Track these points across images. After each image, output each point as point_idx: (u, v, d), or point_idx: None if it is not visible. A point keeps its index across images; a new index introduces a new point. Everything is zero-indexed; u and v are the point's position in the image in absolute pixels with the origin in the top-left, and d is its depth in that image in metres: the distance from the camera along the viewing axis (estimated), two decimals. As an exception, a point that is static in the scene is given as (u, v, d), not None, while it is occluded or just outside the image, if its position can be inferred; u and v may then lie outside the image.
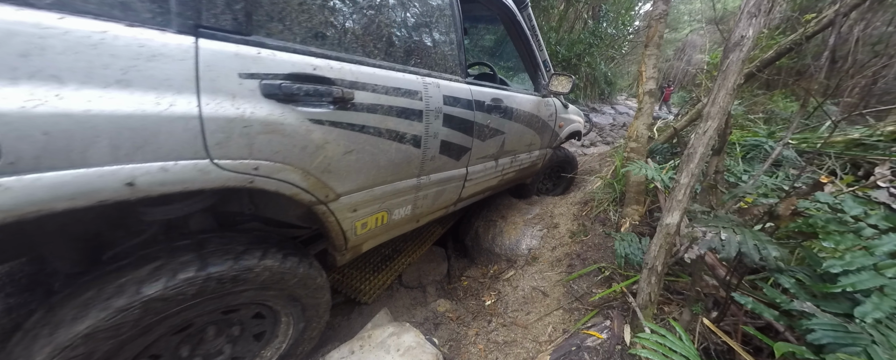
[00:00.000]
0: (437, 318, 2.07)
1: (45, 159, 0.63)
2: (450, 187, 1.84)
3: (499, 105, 1.93)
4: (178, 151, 0.79)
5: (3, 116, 0.58)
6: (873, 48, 4.40)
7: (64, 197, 0.66)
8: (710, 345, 1.32)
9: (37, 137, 0.62)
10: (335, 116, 1.09)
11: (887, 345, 0.90)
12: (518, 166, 2.47)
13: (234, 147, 0.88)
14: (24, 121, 0.60)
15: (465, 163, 1.84)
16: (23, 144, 0.61)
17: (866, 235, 1.10)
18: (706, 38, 11.55)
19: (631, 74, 18.01)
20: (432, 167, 1.61)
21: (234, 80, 0.87)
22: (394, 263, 2.40)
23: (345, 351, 1.60)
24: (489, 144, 1.97)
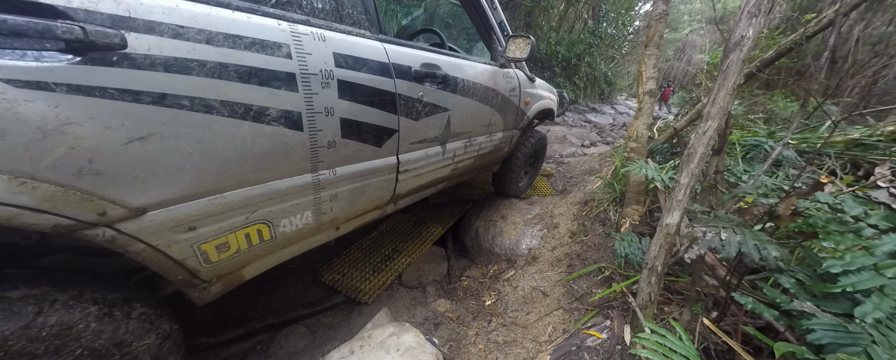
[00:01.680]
0: (437, 318, 2.07)
1: None
2: (375, 183, 1.43)
3: (435, 73, 1.50)
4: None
5: None
6: (873, 48, 4.40)
7: None
8: (710, 345, 1.32)
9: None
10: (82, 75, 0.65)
11: (887, 345, 0.90)
12: (475, 152, 2.05)
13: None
14: None
15: (392, 150, 1.43)
16: None
17: (866, 235, 1.10)
18: (706, 38, 11.56)
19: (631, 74, 18.01)
20: (337, 158, 1.20)
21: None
22: (394, 262, 2.41)
23: (345, 351, 1.60)
24: (427, 125, 1.55)
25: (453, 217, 2.97)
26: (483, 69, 1.89)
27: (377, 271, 2.33)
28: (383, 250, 2.51)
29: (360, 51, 1.18)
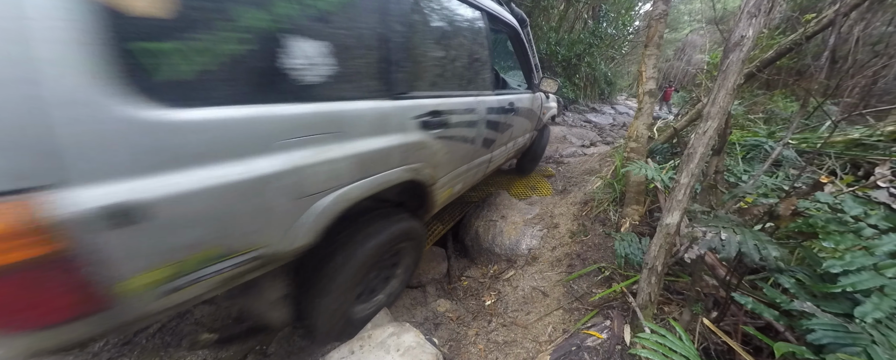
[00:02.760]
0: (437, 318, 2.07)
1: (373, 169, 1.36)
2: (481, 169, 2.43)
3: (513, 106, 2.55)
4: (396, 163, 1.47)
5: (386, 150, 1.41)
6: (873, 48, 4.40)
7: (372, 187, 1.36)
8: (710, 345, 1.32)
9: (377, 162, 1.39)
10: (441, 133, 1.69)
11: (887, 345, 0.90)
12: (515, 148, 3.08)
13: (412, 158, 1.55)
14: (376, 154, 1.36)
15: (491, 150, 2.42)
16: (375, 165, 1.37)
17: (866, 235, 1.10)
18: (706, 38, 11.56)
19: (631, 74, 18.01)
20: (475, 156, 2.19)
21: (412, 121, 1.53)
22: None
23: (345, 351, 1.60)
24: (505, 135, 2.59)
25: (453, 217, 2.97)
26: (529, 97, 2.93)
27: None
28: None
29: (491, 103, 2.19)
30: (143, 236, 0.81)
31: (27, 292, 0.72)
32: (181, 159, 0.85)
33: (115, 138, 0.74)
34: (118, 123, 0.74)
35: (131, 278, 0.82)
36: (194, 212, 0.88)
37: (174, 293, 0.93)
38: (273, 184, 1.02)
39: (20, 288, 0.71)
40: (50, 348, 0.81)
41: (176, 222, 0.86)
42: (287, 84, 1.04)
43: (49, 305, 0.74)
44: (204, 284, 0.98)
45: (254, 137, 0.97)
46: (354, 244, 1.49)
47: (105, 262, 0.76)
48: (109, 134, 0.73)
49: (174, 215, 0.85)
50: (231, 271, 1.02)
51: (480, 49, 2.08)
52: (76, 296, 0.77)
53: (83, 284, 0.76)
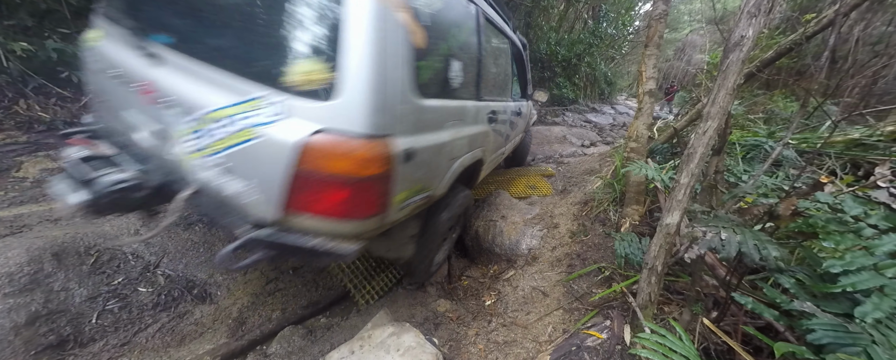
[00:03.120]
0: (437, 318, 2.06)
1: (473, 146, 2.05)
2: (500, 156, 3.07)
3: (520, 111, 3.39)
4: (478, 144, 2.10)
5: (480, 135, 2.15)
6: (873, 48, 4.40)
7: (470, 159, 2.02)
8: (710, 345, 1.32)
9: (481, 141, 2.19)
10: (493, 126, 2.38)
11: (887, 345, 0.90)
12: (514, 144, 3.76)
13: (482, 142, 2.19)
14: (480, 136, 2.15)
15: (506, 143, 3.09)
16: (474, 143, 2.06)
17: (866, 235, 1.10)
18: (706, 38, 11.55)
19: (631, 74, 18.01)
20: (500, 146, 2.79)
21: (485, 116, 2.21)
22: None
23: (345, 351, 1.60)
24: (514, 132, 3.35)
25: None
26: (527, 105, 3.84)
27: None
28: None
29: (511, 107, 2.97)
30: (409, 169, 1.36)
31: (364, 192, 1.23)
32: (424, 127, 1.46)
33: (410, 114, 1.34)
34: (412, 106, 1.34)
35: (397, 195, 1.35)
36: (424, 158, 1.48)
37: (400, 211, 1.45)
38: (446, 147, 1.68)
39: (362, 189, 1.22)
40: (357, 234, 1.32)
41: (420, 163, 1.44)
42: (450, 87, 1.68)
43: (372, 203, 1.27)
44: (408, 209, 1.51)
45: (441, 118, 1.62)
46: (449, 206, 2.05)
47: (395, 182, 1.30)
48: (409, 111, 1.32)
49: (421, 158, 1.44)
50: (418, 203, 1.57)
51: (509, 67, 2.94)
52: (381, 200, 1.29)
53: (386, 193, 1.29)
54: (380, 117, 1.17)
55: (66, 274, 1.77)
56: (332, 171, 1.14)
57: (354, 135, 1.14)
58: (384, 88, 1.16)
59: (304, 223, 1.24)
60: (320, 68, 1.11)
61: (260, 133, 1.14)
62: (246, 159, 1.19)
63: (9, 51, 3.03)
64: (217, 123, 1.20)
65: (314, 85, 1.11)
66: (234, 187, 1.24)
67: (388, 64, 1.16)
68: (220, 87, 1.22)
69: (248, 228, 1.26)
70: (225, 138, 1.19)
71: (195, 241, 2.18)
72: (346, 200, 1.20)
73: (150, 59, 1.34)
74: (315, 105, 1.12)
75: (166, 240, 2.09)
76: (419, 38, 1.31)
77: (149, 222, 2.14)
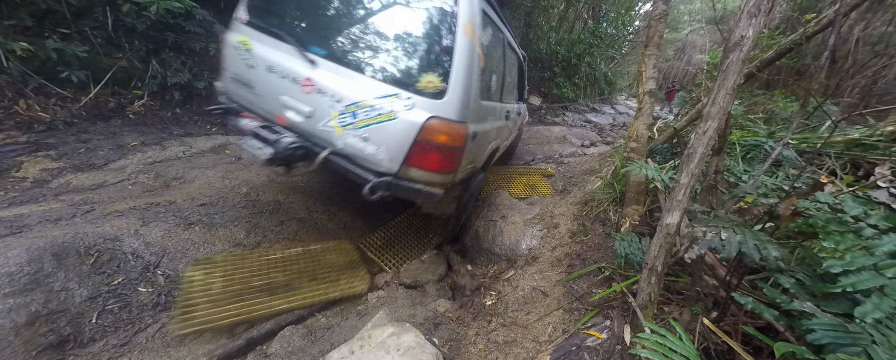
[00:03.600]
0: (437, 318, 2.06)
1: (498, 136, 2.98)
2: (503, 148, 3.62)
3: (520, 111, 4.22)
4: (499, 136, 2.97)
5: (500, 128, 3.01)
6: (873, 48, 4.40)
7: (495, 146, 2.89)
8: (710, 345, 1.32)
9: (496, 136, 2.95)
10: (507, 122, 3.22)
11: (887, 345, 0.90)
12: (511, 141, 4.28)
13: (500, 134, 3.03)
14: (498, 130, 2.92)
15: (510, 136, 3.73)
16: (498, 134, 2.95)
17: (866, 235, 1.10)
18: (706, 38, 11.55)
19: (631, 74, 18.00)
20: (504, 139, 3.35)
21: (504, 114, 3.03)
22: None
23: (344, 351, 1.60)
24: (515, 128, 4.15)
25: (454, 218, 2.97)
26: (523, 106, 4.58)
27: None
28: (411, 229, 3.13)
29: (513, 109, 3.47)
30: (472, 145, 2.10)
31: (450, 156, 1.94)
32: (480, 118, 2.21)
33: (477, 109, 2.09)
34: (478, 104, 2.11)
35: (463, 162, 2.06)
36: (479, 139, 2.22)
37: (461, 173, 2.15)
38: (488, 134, 2.47)
39: (450, 154, 1.93)
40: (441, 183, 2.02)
41: (477, 141, 2.20)
42: (490, 92, 2.39)
43: (453, 164, 1.98)
44: (464, 173, 2.23)
45: (486, 113, 2.34)
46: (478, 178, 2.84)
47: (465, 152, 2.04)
48: (476, 108, 2.08)
49: (478, 139, 2.19)
50: (468, 170, 2.30)
51: (516, 75, 3.63)
52: (457, 163, 2.00)
53: (460, 159, 2.00)
54: (464, 111, 1.91)
55: (66, 274, 1.77)
56: (436, 141, 1.84)
57: (451, 120, 1.86)
58: (469, 93, 1.91)
59: (413, 174, 1.91)
60: (437, 79, 1.83)
61: (397, 115, 1.79)
62: (382, 132, 1.82)
63: (9, 51, 3.03)
64: (364, 108, 1.83)
65: (432, 89, 1.83)
66: (369, 150, 1.86)
67: (472, 78, 1.91)
68: (367, 87, 1.85)
69: (374, 177, 1.89)
70: (369, 118, 1.82)
71: (195, 241, 2.18)
72: (440, 159, 1.90)
73: (309, 63, 1.92)
74: (431, 101, 1.82)
75: (166, 240, 2.09)
76: (482, 61, 2.02)
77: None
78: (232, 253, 2.22)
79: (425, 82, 1.80)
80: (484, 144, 2.40)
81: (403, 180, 1.91)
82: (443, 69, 1.81)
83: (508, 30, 2.95)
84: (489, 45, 2.21)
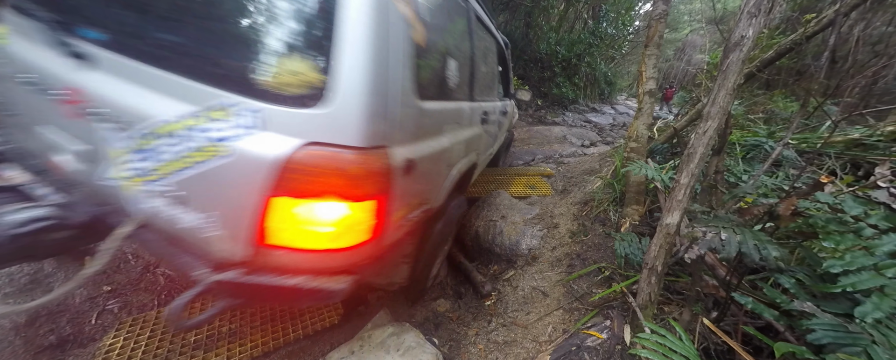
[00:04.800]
0: (437, 318, 2.06)
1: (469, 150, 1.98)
2: (490, 157, 3.08)
3: (505, 110, 3.37)
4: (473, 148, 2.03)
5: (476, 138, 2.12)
6: (873, 48, 4.40)
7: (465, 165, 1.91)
8: (710, 345, 1.32)
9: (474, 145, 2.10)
10: (485, 127, 2.33)
11: (887, 345, 0.90)
12: (501, 140, 3.70)
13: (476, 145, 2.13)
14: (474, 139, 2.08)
15: (494, 142, 3.02)
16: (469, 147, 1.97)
17: (866, 235, 1.10)
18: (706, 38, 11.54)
19: (631, 74, 18.01)
20: (489, 147, 2.71)
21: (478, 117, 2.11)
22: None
23: (344, 351, 1.60)
24: (501, 132, 3.34)
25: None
26: (511, 104, 3.84)
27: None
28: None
29: (497, 107, 2.86)
30: (409, 182, 1.20)
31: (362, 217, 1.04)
32: (425, 132, 1.33)
33: (411, 119, 1.19)
34: (413, 109, 1.20)
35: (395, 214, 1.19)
36: (425, 168, 1.33)
37: (398, 231, 1.29)
38: (445, 153, 1.54)
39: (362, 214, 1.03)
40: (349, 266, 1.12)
41: (421, 174, 1.29)
42: (447, 88, 1.54)
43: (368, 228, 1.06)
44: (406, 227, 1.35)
45: (440, 121, 1.48)
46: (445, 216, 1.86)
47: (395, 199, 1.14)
48: (410, 116, 1.18)
49: (421, 169, 1.29)
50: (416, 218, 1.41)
51: (495, 66, 2.91)
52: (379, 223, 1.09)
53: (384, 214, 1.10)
54: (379, 125, 0.99)
55: (66, 274, 1.77)
56: (319, 192, 0.94)
57: (347, 147, 0.94)
58: (384, 91, 0.99)
59: (281, 260, 1.01)
60: (307, 68, 0.91)
61: (226, 150, 0.91)
62: (206, 184, 0.96)
63: None
64: (167, 139, 0.96)
65: (298, 89, 0.91)
66: (190, 220, 0.99)
67: (389, 61, 1.00)
68: (170, 94, 0.97)
69: (207, 271, 1.02)
70: (178, 158, 0.96)
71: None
72: (334, 227, 0.99)
73: (75, 60, 1.05)
74: (299, 113, 0.91)
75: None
76: (420, 35, 1.18)
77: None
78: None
79: (283, 77, 0.91)
80: (439, 173, 1.53)
81: (263, 272, 1.03)
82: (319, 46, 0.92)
83: (483, 5, 2.26)
84: (439, 12, 1.41)
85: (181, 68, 0.97)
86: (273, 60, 0.93)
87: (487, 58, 2.50)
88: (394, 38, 1.01)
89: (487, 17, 2.46)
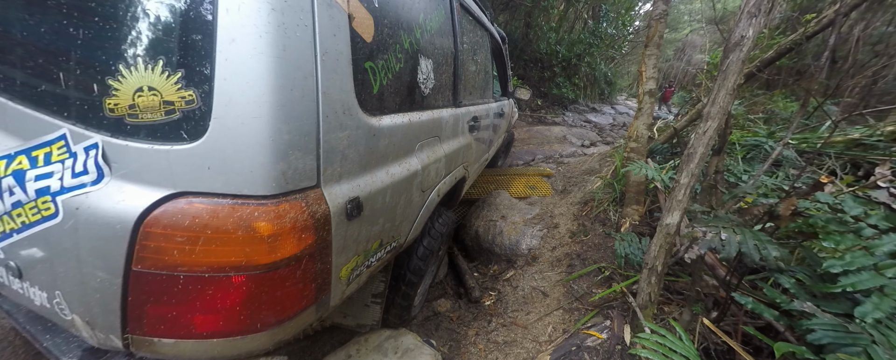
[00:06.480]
0: (437, 318, 2.06)
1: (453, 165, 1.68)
2: (484, 164, 2.76)
3: (502, 111, 3.05)
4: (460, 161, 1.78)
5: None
6: (873, 48, 4.40)
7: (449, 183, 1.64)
8: (710, 345, 1.32)
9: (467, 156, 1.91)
10: (476, 135, 2.06)
11: (887, 345, 0.90)
12: (498, 144, 3.46)
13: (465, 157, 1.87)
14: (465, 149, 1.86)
15: (489, 148, 2.78)
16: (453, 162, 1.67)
17: (866, 235, 1.10)
18: (706, 38, 11.55)
19: (631, 74, 18.01)
20: (483, 153, 2.50)
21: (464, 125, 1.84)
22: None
23: (341, 355, 1.59)
24: (497, 135, 3.12)
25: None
26: (509, 104, 3.47)
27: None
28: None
29: (492, 108, 2.61)
30: (358, 227, 0.93)
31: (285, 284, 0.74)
32: (379, 158, 1.02)
33: (354, 143, 0.87)
34: (357, 130, 0.88)
35: (344, 266, 0.92)
36: (381, 205, 1.03)
37: (353, 283, 1.02)
38: (415, 179, 1.23)
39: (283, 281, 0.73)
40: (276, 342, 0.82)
41: (376, 212, 1.01)
42: (418, 95, 1.25)
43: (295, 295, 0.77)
44: (364, 274, 1.08)
45: (406, 140, 1.17)
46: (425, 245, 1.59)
47: (337, 251, 0.86)
48: (352, 140, 0.86)
49: (377, 206, 1.00)
50: (379, 262, 1.15)
51: (489, 63, 2.57)
52: (314, 284, 0.81)
53: (321, 272, 0.82)
54: (295, 159, 0.71)
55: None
56: (207, 264, 0.66)
57: (243, 197, 0.67)
58: (305, 108, 0.70)
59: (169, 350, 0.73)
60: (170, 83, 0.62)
61: (63, 206, 0.67)
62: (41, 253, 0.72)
63: None
64: None
65: (158, 115, 0.64)
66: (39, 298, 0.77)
67: (314, 66, 0.71)
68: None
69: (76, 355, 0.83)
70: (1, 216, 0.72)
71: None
72: (242, 304, 0.70)
73: None
74: (161, 151, 0.64)
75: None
76: (366, 29, 0.88)
77: None
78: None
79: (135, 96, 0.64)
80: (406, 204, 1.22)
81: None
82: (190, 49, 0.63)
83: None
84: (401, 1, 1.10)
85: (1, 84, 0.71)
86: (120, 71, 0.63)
87: (477, 55, 2.17)
88: (320, 30, 0.71)
89: (478, 7, 2.16)
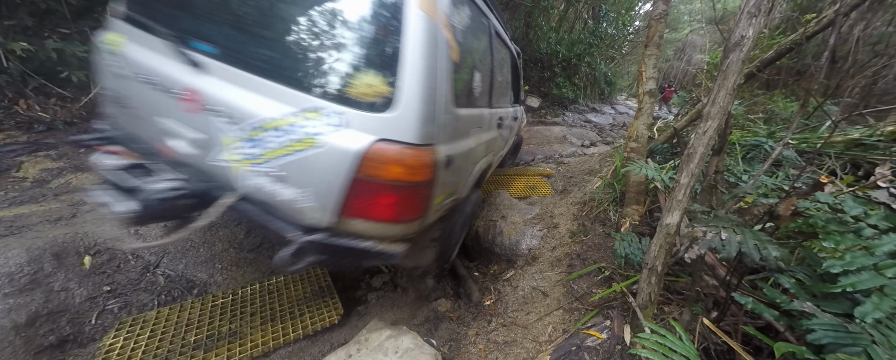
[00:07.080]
0: (438, 318, 2.06)
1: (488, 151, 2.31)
2: (498, 160, 3.10)
3: (516, 116, 3.64)
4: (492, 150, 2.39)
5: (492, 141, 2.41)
6: (873, 48, 4.40)
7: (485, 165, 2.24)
8: (710, 345, 1.32)
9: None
10: (500, 131, 2.59)
11: (887, 345, 0.90)
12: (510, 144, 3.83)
13: (493, 148, 2.41)
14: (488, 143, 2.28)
15: (505, 145, 3.26)
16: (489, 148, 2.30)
17: (866, 235, 1.10)
18: (706, 38, 11.55)
19: (631, 74, 18.01)
20: (499, 150, 2.85)
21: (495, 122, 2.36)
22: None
23: (342, 355, 1.60)
24: (511, 135, 3.56)
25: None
26: (520, 109, 4.04)
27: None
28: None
29: (510, 113, 3.10)
30: (447, 175, 1.49)
31: (412, 198, 1.33)
32: (458, 135, 1.60)
33: (450, 123, 1.46)
34: (451, 115, 1.46)
35: (437, 197, 1.48)
36: (458, 164, 1.61)
37: (435, 214, 1.58)
38: (472, 153, 1.83)
39: (411, 194, 1.32)
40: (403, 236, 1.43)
41: (455, 168, 1.57)
42: (473, 97, 1.79)
43: (418, 207, 1.37)
44: (441, 211, 1.65)
45: (469, 125, 1.75)
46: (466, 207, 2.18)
47: (437, 187, 1.41)
48: (449, 121, 1.45)
49: (456, 165, 1.57)
50: (448, 206, 1.72)
51: (509, 75, 3.12)
52: (425, 204, 1.39)
53: (429, 197, 1.40)
54: (428, 127, 1.29)
55: (66, 274, 1.77)
56: (386, 177, 1.24)
57: (409, 144, 1.24)
58: (433, 100, 1.29)
59: (357, 227, 1.32)
60: (379, 82, 1.21)
61: (319, 142, 1.21)
62: (303, 168, 1.24)
63: (9, 51, 3.03)
64: (273, 132, 1.25)
65: (373, 98, 1.22)
66: (288, 194, 1.28)
67: (437, 77, 1.29)
68: (274, 97, 1.26)
69: (299, 233, 1.31)
70: (281, 147, 1.24)
71: (195, 241, 2.18)
72: (396, 204, 1.30)
73: (192, 67, 1.34)
74: (374, 117, 1.22)
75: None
76: (456, 53, 1.42)
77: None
78: (170, 306, 1.88)
79: (361, 88, 1.20)
80: (467, 169, 1.81)
81: (342, 236, 1.33)
82: (388, 66, 1.20)
83: (496, 16, 2.39)
84: (468, 32, 1.64)
85: (283, 79, 1.26)
86: (354, 74, 1.22)
87: (503, 68, 2.73)
88: (440, 57, 1.29)
89: (503, 31, 2.68)
